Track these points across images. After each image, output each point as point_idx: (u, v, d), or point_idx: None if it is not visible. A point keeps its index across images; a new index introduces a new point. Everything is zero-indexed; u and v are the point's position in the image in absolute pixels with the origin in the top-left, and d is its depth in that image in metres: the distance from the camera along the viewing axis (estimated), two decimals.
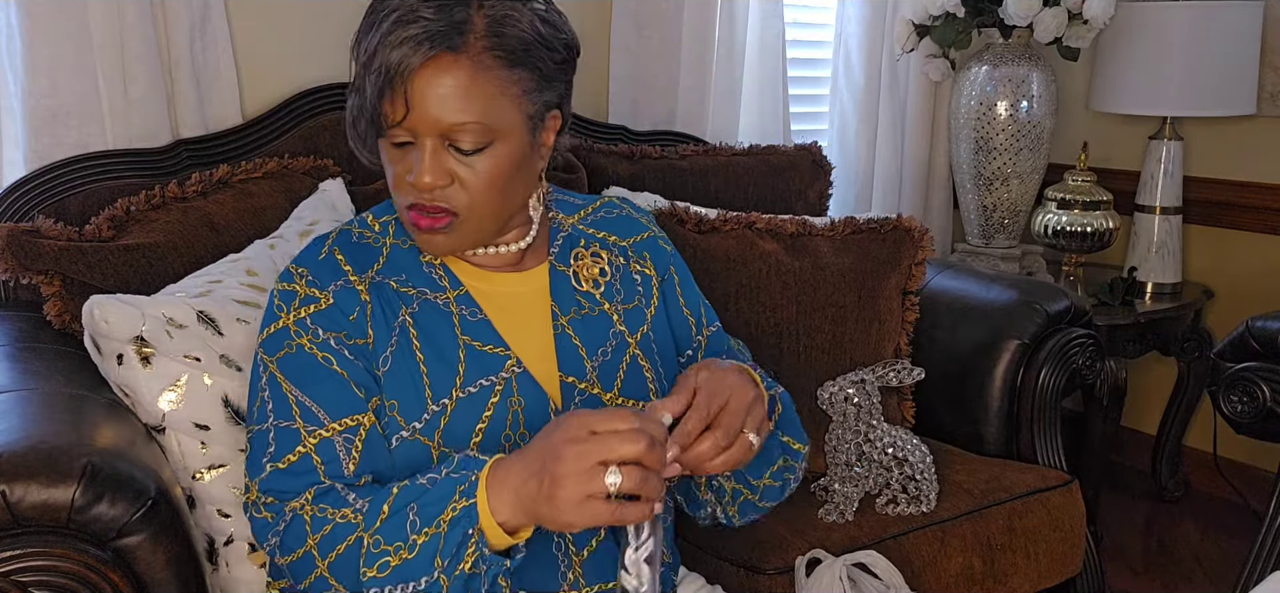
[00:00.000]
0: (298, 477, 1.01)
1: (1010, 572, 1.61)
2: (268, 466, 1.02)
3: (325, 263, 1.07)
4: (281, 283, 1.07)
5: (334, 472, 1.01)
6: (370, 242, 1.10)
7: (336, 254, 1.08)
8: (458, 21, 0.96)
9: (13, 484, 0.95)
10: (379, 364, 1.04)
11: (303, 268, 1.07)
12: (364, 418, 1.03)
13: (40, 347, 1.34)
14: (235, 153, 1.73)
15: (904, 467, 1.57)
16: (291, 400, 1.02)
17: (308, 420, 1.01)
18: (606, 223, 1.21)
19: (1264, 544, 1.71)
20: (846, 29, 2.61)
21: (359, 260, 1.08)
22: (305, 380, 1.02)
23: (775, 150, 2.21)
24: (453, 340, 1.06)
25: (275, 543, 1.00)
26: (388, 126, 0.98)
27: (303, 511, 0.98)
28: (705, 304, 1.26)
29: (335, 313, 1.04)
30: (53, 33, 1.57)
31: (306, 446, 1.01)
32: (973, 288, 1.92)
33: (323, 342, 1.03)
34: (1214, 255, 2.68)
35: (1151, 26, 2.43)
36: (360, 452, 1.02)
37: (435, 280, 1.09)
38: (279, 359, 1.04)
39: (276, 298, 1.06)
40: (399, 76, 0.95)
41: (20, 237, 1.36)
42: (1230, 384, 1.76)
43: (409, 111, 0.96)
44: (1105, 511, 2.58)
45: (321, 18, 1.87)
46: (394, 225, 1.12)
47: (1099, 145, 2.74)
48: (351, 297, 1.05)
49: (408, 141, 1.00)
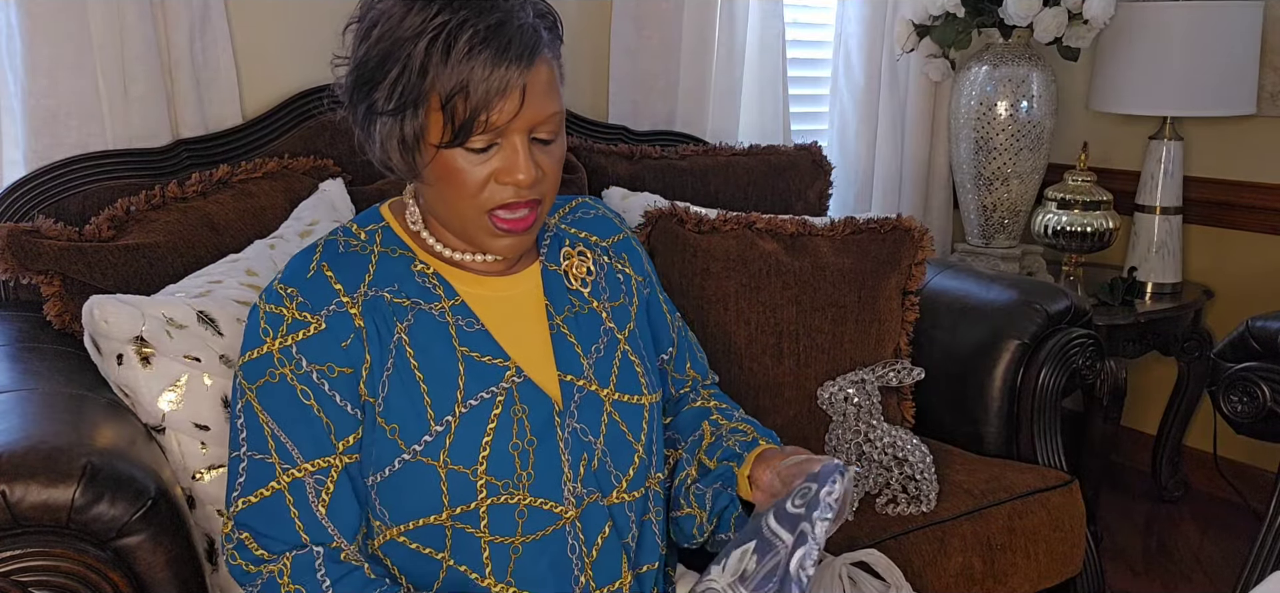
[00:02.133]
0: (271, 519, 1.01)
1: (1010, 572, 1.61)
2: (239, 501, 1.02)
3: (315, 282, 1.03)
4: (268, 303, 1.03)
5: (307, 517, 1.01)
6: (357, 250, 1.07)
7: (326, 270, 1.04)
8: (532, 24, 0.98)
9: (13, 484, 0.95)
10: (377, 389, 1.03)
11: (292, 288, 1.03)
12: (335, 461, 1.03)
13: (40, 347, 1.34)
14: (235, 153, 1.73)
15: (904, 467, 1.57)
16: (267, 433, 1.02)
17: (283, 457, 1.02)
18: (585, 223, 1.22)
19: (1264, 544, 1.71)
20: (846, 29, 2.61)
21: (349, 276, 1.05)
22: (282, 415, 1.02)
23: (775, 150, 2.21)
24: (451, 353, 1.05)
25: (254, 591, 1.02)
26: (482, 131, 0.97)
27: (280, 579, 1.00)
28: (671, 303, 1.31)
29: (327, 339, 1.02)
30: (52, 33, 1.57)
31: (280, 484, 1.01)
32: (973, 288, 1.92)
33: (304, 375, 1.01)
34: (1214, 255, 2.68)
35: (1151, 26, 2.43)
36: (330, 495, 1.02)
37: (429, 290, 1.07)
38: (258, 388, 1.02)
39: (262, 320, 1.03)
40: (514, 72, 0.95)
41: (20, 237, 1.36)
42: (1230, 384, 1.76)
43: (522, 108, 0.97)
44: (1105, 511, 2.58)
45: (321, 18, 1.86)
46: (381, 234, 1.09)
47: (1099, 145, 2.74)
48: (345, 323, 1.02)
49: (488, 147, 0.99)
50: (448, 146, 0.98)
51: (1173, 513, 2.67)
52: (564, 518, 1.05)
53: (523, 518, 1.03)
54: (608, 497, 1.08)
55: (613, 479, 1.09)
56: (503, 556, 1.03)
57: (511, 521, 1.03)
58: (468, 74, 0.94)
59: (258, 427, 1.02)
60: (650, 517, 1.13)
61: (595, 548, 1.06)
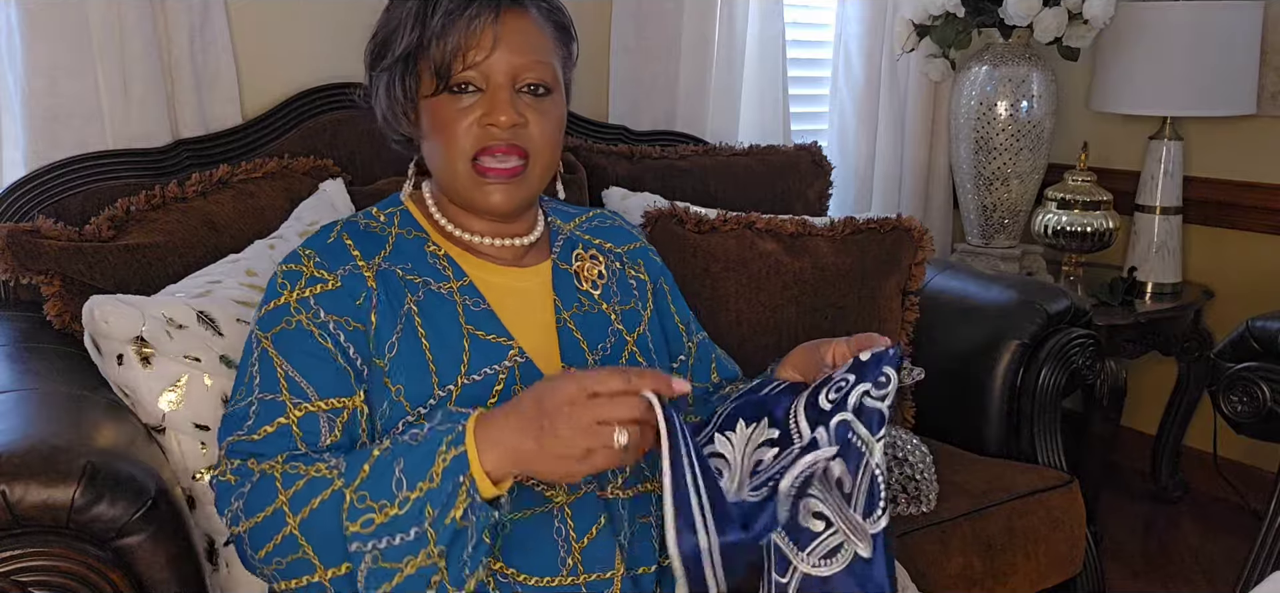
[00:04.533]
0: (273, 443, 1.00)
1: (1010, 572, 1.61)
2: (242, 437, 1.01)
3: (334, 247, 1.09)
4: (286, 264, 1.08)
5: (312, 444, 1.00)
6: (376, 231, 1.12)
7: (345, 239, 1.10)
8: None
9: (13, 484, 0.95)
10: (385, 351, 1.05)
11: (310, 250, 1.08)
12: (350, 401, 1.03)
13: (40, 347, 1.34)
14: (235, 153, 1.73)
15: (904, 467, 1.57)
16: (280, 375, 1.02)
17: (295, 394, 1.01)
18: (601, 231, 1.26)
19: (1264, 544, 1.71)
20: (846, 29, 2.61)
21: (366, 247, 1.10)
22: (298, 357, 1.02)
23: (775, 150, 2.21)
24: (456, 329, 1.07)
25: (238, 508, 0.97)
26: (462, 71, 1.04)
27: (272, 470, 0.97)
28: (692, 315, 1.32)
29: (342, 296, 1.05)
30: (52, 33, 1.57)
31: (289, 418, 1.00)
32: (973, 288, 1.92)
33: (322, 322, 1.04)
34: (1214, 255, 2.68)
35: (1151, 26, 2.43)
36: (342, 430, 1.02)
37: (439, 271, 1.11)
38: (274, 334, 1.04)
39: (279, 277, 1.07)
40: (484, 17, 1.04)
41: (20, 237, 1.36)
42: (1230, 384, 1.76)
43: (495, 47, 1.04)
44: (1105, 511, 2.58)
45: (321, 18, 1.87)
46: (400, 216, 1.14)
47: (1099, 145, 2.74)
48: (359, 282, 1.07)
49: (474, 91, 1.06)
50: (435, 95, 1.06)
51: (1173, 513, 2.67)
52: (553, 502, 1.05)
53: (511, 494, 1.04)
54: (603, 491, 1.08)
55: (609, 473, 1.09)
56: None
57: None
58: (448, 22, 1.04)
59: (271, 370, 1.02)
60: (649, 520, 1.13)
61: (587, 537, 1.06)
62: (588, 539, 1.07)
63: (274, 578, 0.98)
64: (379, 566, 0.91)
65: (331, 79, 1.84)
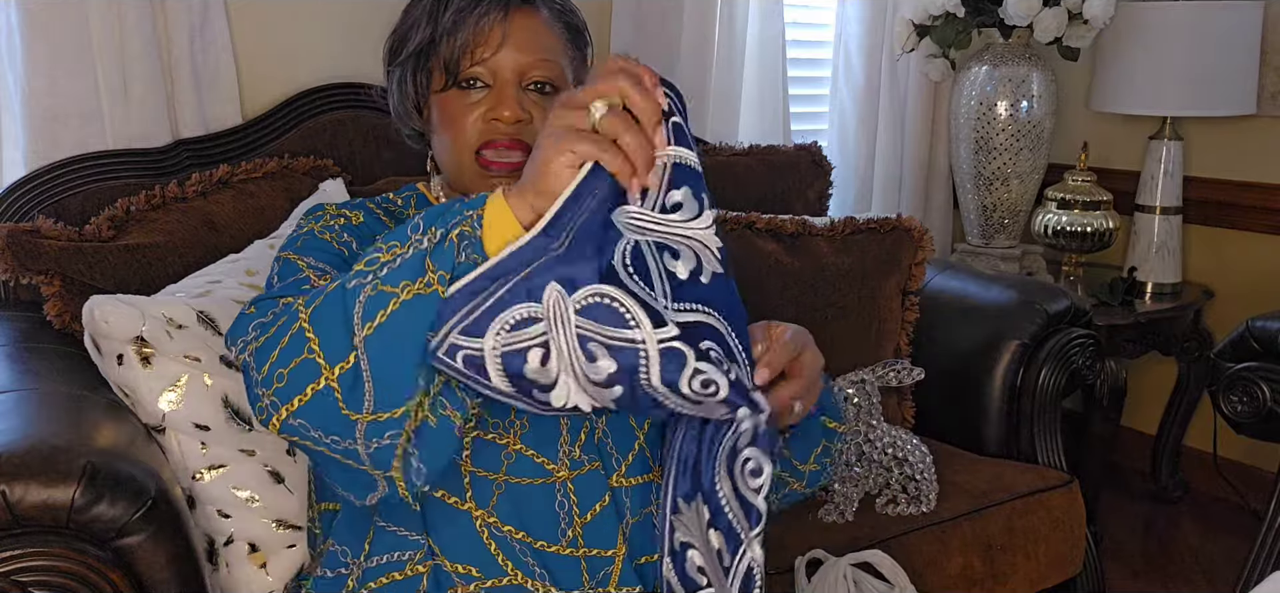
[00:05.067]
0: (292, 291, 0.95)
1: (1010, 572, 1.61)
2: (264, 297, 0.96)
3: (355, 204, 1.13)
4: (309, 211, 1.11)
5: None
6: (395, 211, 1.16)
7: (367, 204, 1.14)
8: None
9: (13, 484, 0.95)
10: None
11: (332, 204, 1.12)
12: None
13: (40, 347, 1.34)
14: (235, 153, 1.73)
15: (904, 467, 1.57)
16: (303, 265, 1.00)
17: (316, 274, 0.99)
18: None
19: (1264, 544, 1.70)
20: (846, 29, 2.61)
21: (386, 211, 1.14)
22: (319, 253, 1.03)
23: (775, 150, 2.21)
24: None
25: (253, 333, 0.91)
26: (470, 67, 1.08)
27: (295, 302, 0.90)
28: None
29: (364, 229, 1.08)
30: (52, 33, 1.57)
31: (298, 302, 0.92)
32: (973, 288, 1.92)
33: (345, 241, 1.06)
34: (1214, 255, 2.68)
35: (1151, 26, 2.43)
36: None
37: None
38: (298, 245, 1.04)
39: (301, 219, 1.10)
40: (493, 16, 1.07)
41: (20, 237, 1.36)
42: (1230, 384, 1.76)
43: (504, 43, 1.07)
44: (1105, 511, 2.58)
45: (321, 18, 1.87)
46: (415, 199, 1.17)
47: (1099, 145, 2.74)
48: (380, 224, 1.10)
49: (482, 87, 1.09)
50: (444, 91, 1.10)
51: (1173, 513, 2.67)
52: (556, 476, 1.05)
53: (509, 460, 1.03)
54: (610, 476, 1.08)
55: (614, 461, 1.09)
56: (485, 488, 1.03)
57: (497, 461, 1.03)
58: (458, 19, 1.08)
59: (293, 268, 1.00)
60: (653, 512, 1.13)
61: (590, 513, 1.06)
62: (591, 516, 1.06)
63: (274, 405, 0.89)
64: (379, 291, 0.85)
65: (332, 79, 1.84)
